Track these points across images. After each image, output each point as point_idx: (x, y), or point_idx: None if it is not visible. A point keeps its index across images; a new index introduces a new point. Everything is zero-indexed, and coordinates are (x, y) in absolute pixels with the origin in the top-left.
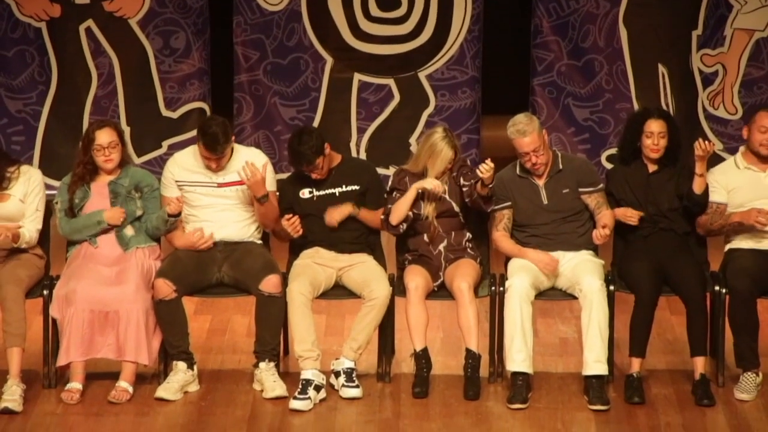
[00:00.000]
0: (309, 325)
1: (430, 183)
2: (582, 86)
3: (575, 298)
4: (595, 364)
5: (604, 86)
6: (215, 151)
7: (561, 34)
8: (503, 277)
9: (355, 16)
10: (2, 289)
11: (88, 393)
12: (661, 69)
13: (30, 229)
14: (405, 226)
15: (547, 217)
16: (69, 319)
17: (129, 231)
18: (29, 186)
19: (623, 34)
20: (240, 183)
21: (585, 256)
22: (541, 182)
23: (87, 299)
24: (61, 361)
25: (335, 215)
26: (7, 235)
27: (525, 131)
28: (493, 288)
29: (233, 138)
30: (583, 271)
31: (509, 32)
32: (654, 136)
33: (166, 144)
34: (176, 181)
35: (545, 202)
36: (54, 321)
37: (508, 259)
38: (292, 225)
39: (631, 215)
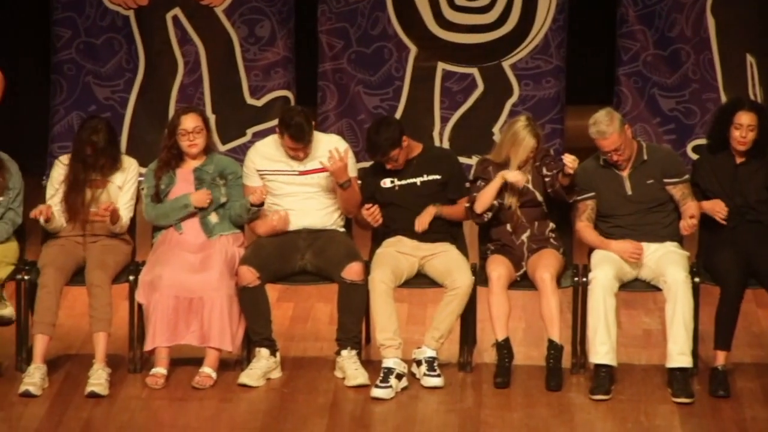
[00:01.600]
0: (391, 313)
1: (513, 176)
2: (668, 76)
3: (659, 289)
4: (679, 356)
5: (691, 76)
6: (302, 141)
7: (647, 24)
8: (586, 268)
9: (440, 5)
10: (89, 275)
11: (172, 378)
12: (750, 59)
13: (124, 215)
14: (490, 214)
15: (631, 208)
16: (154, 304)
17: (213, 218)
18: (128, 175)
19: (711, 23)
20: (321, 170)
21: (670, 247)
22: (625, 173)
23: (172, 285)
24: (148, 347)
25: (423, 221)
26: (107, 210)
27: (605, 132)
28: (576, 279)
29: (314, 125)
30: (667, 262)
31: (594, 21)
32: (743, 129)
33: (250, 132)
34: (258, 170)
35: (629, 192)
36: (140, 306)
37: (591, 249)
38: (372, 214)
39: (719, 210)
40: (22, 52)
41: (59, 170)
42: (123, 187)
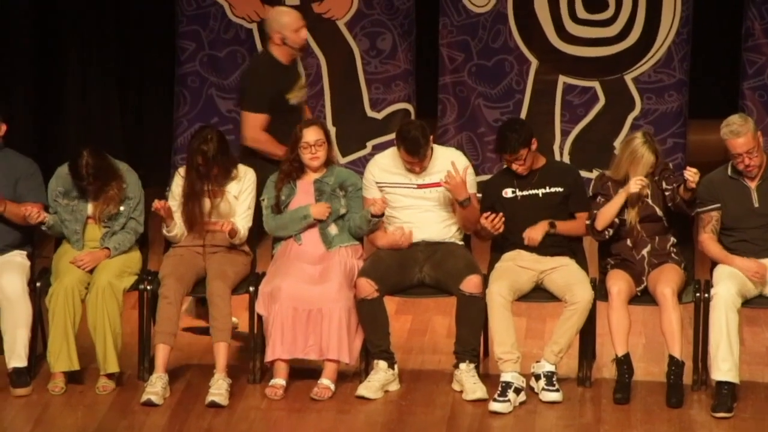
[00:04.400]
0: (508, 327)
1: (634, 185)
2: None
3: None
4: None
5: None
6: (417, 155)
7: None
8: (708, 284)
9: (561, 17)
10: (210, 285)
11: (291, 389)
12: None
13: (243, 226)
14: (611, 231)
15: (757, 221)
16: (274, 316)
17: (333, 229)
18: (244, 184)
19: None
20: (440, 184)
21: None
22: (753, 184)
23: (291, 297)
24: (268, 358)
25: (535, 235)
26: (225, 228)
27: (739, 132)
28: (697, 294)
29: (432, 139)
30: None
31: (719, 35)
32: None
33: (370, 144)
34: (377, 183)
35: (756, 205)
36: (260, 317)
37: (713, 265)
38: (492, 222)
39: None
40: (147, 65)
41: (178, 182)
42: (239, 196)
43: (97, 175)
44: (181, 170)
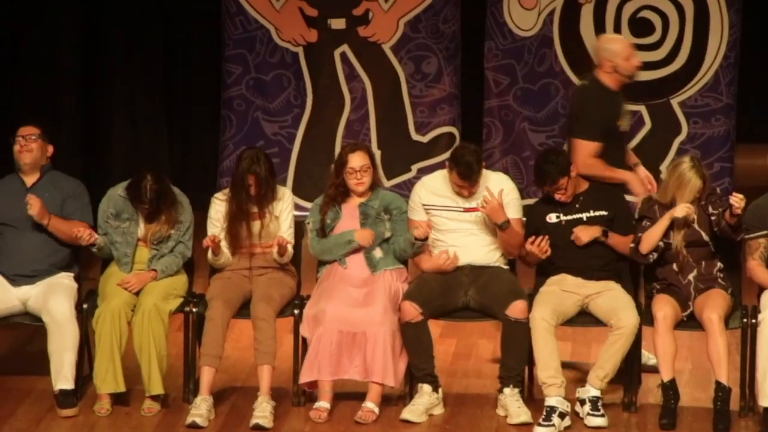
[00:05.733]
0: (552, 351)
1: (681, 210)
2: None
3: None
4: None
5: None
6: (469, 179)
7: None
8: (756, 309)
9: None
10: (254, 308)
11: (335, 412)
12: None
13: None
14: (655, 255)
15: None
16: (318, 338)
17: (378, 253)
18: (283, 204)
19: None
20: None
21: None
22: None
23: (336, 320)
24: (305, 378)
25: (582, 235)
26: (286, 243)
27: None
28: (745, 320)
29: (483, 165)
30: None
31: (766, 58)
32: None
33: (415, 168)
34: (423, 205)
35: None
36: (304, 340)
37: (761, 290)
38: (539, 246)
39: None
40: (193, 88)
41: (216, 207)
42: (281, 216)
43: (159, 199)
44: (220, 195)
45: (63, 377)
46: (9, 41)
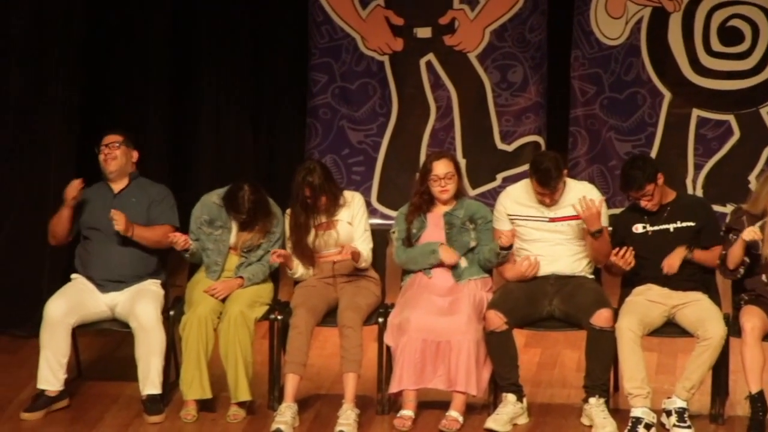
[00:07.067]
0: (638, 361)
1: (748, 234)
2: None
3: None
4: None
5: None
6: (548, 186)
7: None
8: None
9: (696, 51)
10: (341, 316)
11: (419, 420)
12: None
13: (364, 248)
14: (742, 270)
15: None
16: (402, 347)
17: (462, 262)
18: (354, 209)
19: None
20: (573, 218)
21: None
22: None
23: (420, 328)
24: (393, 389)
25: (674, 262)
26: (352, 252)
27: None
28: None
29: (565, 172)
30: None
31: None
32: None
33: (500, 177)
34: (508, 215)
35: None
36: (388, 348)
37: None
38: (623, 258)
39: None
40: (279, 97)
41: (289, 223)
42: (353, 221)
43: (255, 210)
44: (289, 211)
45: (150, 382)
46: (100, 51)
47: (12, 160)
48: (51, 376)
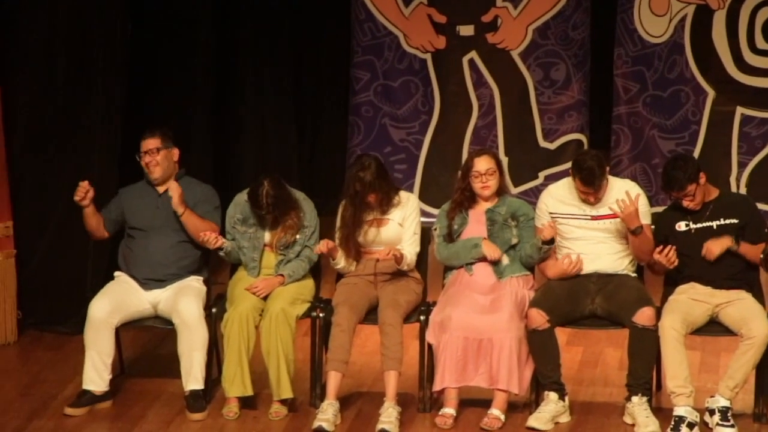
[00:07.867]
0: (681, 360)
1: None
2: None
3: None
4: None
5: None
6: (592, 185)
7: None
8: None
9: (740, 48)
10: (382, 314)
11: (461, 419)
12: None
13: (410, 251)
14: None
15: None
16: (444, 345)
17: (504, 260)
18: (406, 210)
19: None
20: (614, 216)
21: None
22: None
23: (462, 326)
24: (437, 387)
25: (714, 248)
26: (394, 254)
27: None
28: None
29: (608, 170)
30: None
31: None
32: None
33: (542, 175)
34: (550, 213)
35: None
36: (430, 346)
37: None
38: (666, 257)
39: None
40: (322, 94)
41: (340, 212)
42: (404, 223)
43: (276, 205)
44: (343, 203)
45: (193, 377)
46: (145, 52)
47: (57, 160)
48: (96, 376)
